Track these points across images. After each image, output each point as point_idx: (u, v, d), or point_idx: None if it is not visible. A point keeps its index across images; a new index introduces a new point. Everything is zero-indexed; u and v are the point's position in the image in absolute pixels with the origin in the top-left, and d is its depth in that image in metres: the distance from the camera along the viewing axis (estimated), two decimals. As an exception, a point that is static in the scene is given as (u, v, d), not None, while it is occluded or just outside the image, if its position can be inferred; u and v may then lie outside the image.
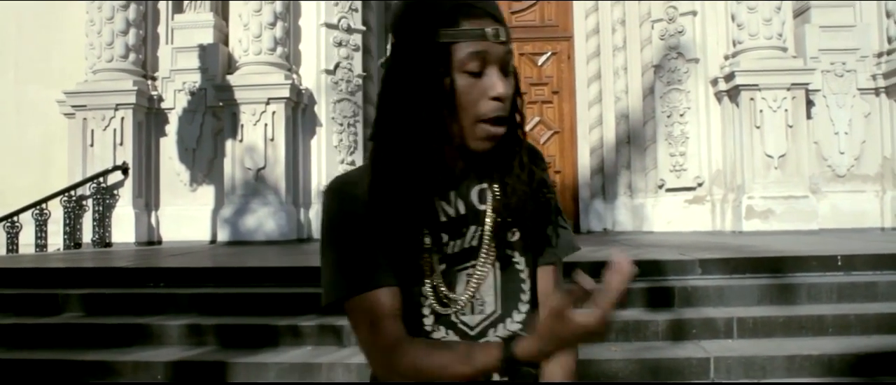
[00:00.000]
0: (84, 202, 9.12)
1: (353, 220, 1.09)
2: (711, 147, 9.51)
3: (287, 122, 9.25)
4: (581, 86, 10.63)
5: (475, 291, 1.15)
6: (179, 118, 9.69)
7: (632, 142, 10.14)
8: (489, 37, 1.10)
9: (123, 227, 9.22)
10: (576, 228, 10.15)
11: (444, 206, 1.15)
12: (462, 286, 1.15)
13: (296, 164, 9.48)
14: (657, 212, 9.67)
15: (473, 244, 1.16)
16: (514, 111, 1.16)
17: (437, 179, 1.13)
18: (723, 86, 9.28)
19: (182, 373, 4.10)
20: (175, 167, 9.71)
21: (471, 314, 1.15)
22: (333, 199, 1.13)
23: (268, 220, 9.05)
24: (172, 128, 9.74)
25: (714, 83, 9.45)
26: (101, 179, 9.12)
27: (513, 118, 1.16)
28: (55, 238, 8.92)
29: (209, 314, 4.81)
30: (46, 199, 8.90)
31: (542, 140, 10.54)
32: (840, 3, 9.60)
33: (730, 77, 9.07)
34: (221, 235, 9.17)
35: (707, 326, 4.35)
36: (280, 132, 9.18)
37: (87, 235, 9.03)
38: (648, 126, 9.90)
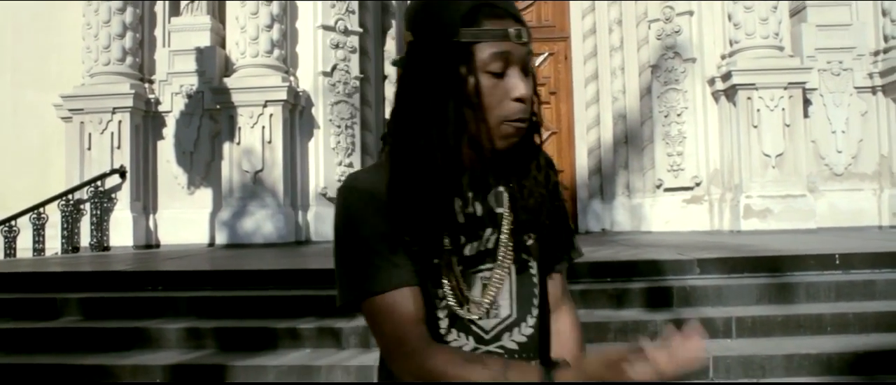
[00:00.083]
0: (82, 206, 9.11)
1: (373, 219, 1.07)
2: (709, 147, 9.52)
3: (284, 125, 9.25)
4: (578, 86, 10.64)
5: (496, 295, 1.15)
6: (177, 121, 9.69)
7: (629, 142, 10.15)
8: (512, 37, 1.09)
9: (121, 231, 9.21)
10: (574, 229, 10.14)
11: (462, 208, 1.13)
12: (478, 289, 1.14)
13: (293, 167, 9.47)
14: (655, 212, 9.67)
15: (489, 247, 1.15)
16: (533, 112, 1.16)
17: (457, 180, 1.12)
18: (720, 85, 9.30)
19: (181, 376, 4.10)
20: (173, 170, 9.70)
21: (486, 318, 1.14)
22: (352, 198, 1.10)
23: (266, 223, 9.05)
24: (170, 131, 9.74)
25: (711, 83, 9.46)
26: (99, 183, 9.11)
27: (531, 119, 1.15)
28: (53, 242, 8.90)
29: (208, 317, 4.80)
30: (44, 203, 8.89)
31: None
32: (836, 2, 9.62)
33: (727, 76, 9.08)
34: (219, 238, 9.16)
35: (706, 326, 4.33)
36: (277, 135, 9.18)
37: (85, 239, 9.02)
38: (646, 126, 9.91)
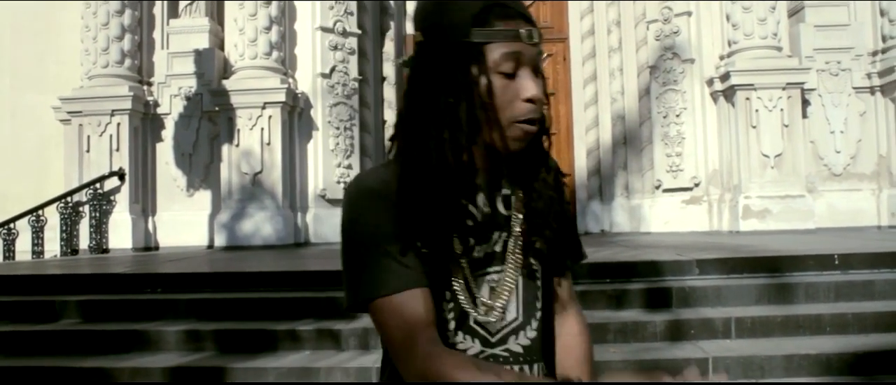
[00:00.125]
0: (81, 208, 9.10)
1: (382, 220, 1.06)
2: (708, 147, 9.53)
3: (283, 127, 9.25)
4: (577, 87, 10.65)
5: (509, 298, 1.14)
6: (176, 123, 9.69)
7: (628, 143, 10.15)
8: (523, 38, 1.09)
9: (120, 233, 9.21)
10: (573, 230, 10.14)
11: (472, 210, 1.13)
12: (485, 291, 1.13)
13: (292, 169, 9.47)
14: (654, 212, 9.67)
15: (497, 249, 1.14)
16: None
17: (467, 182, 1.11)
18: (718, 86, 9.30)
19: (180, 378, 4.09)
20: (172, 172, 9.70)
21: (495, 322, 1.13)
22: (360, 198, 1.09)
23: (265, 225, 9.04)
24: (169, 133, 9.74)
25: (710, 83, 9.47)
26: (98, 185, 9.10)
27: (542, 121, 1.14)
28: (52, 244, 8.89)
29: (207, 319, 4.80)
30: (43, 206, 8.88)
31: (539, 142, 10.54)
32: (834, 3, 9.63)
33: (725, 77, 9.08)
34: (219, 240, 9.15)
35: (705, 327, 4.35)
36: (276, 136, 9.18)
37: (84, 242, 9.00)
38: (645, 127, 9.92)
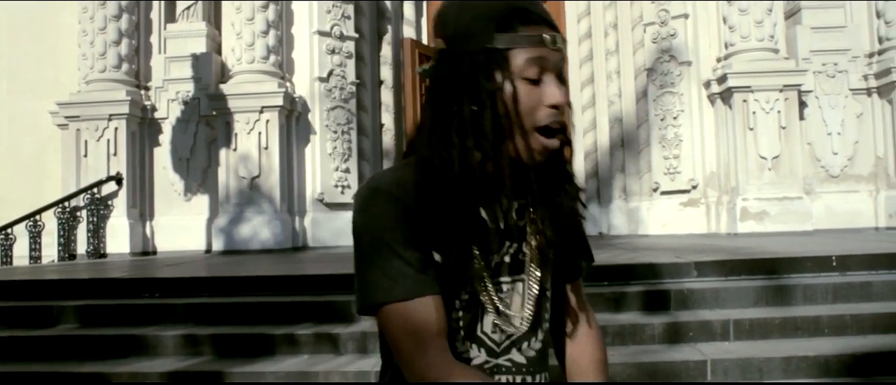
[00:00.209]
0: (78, 213, 9.10)
1: (397, 225, 1.04)
2: (705, 149, 9.54)
3: (281, 131, 9.25)
4: (574, 90, 10.63)
5: (534, 308, 1.15)
6: (173, 128, 9.68)
7: (626, 145, 10.16)
8: (547, 43, 1.08)
9: (118, 238, 9.20)
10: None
11: (488, 218, 1.12)
12: (498, 301, 1.13)
13: (290, 173, 9.46)
14: (652, 215, 9.68)
15: (506, 260, 1.14)
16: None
17: (489, 191, 1.10)
18: (715, 88, 9.32)
19: (178, 383, 4.08)
20: (169, 177, 9.69)
21: (500, 332, 1.13)
22: (376, 201, 1.06)
23: (263, 229, 9.04)
24: (166, 137, 9.73)
25: (707, 85, 9.48)
26: (95, 190, 9.10)
27: (564, 130, 1.13)
28: (49, 250, 8.89)
29: (205, 324, 4.79)
30: (40, 211, 8.88)
31: (537, 145, 10.55)
32: (830, 4, 9.65)
33: (722, 79, 9.10)
34: (216, 245, 9.14)
35: (703, 329, 4.35)
36: (274, 140, 9.17)
37: (82, 246, 9.01)
38: (642, 129, 9.92)
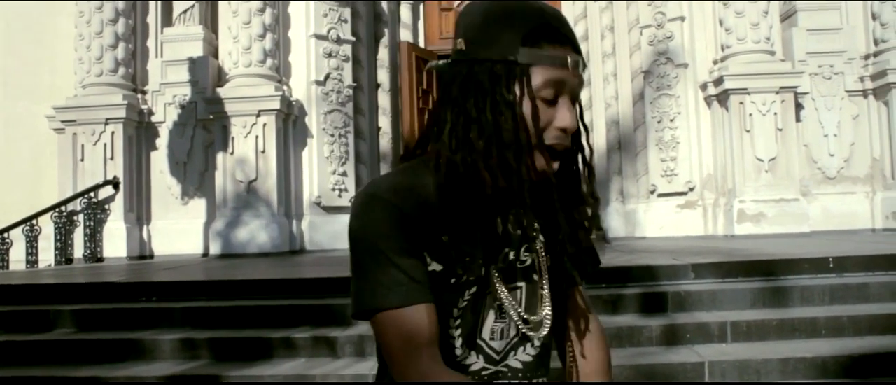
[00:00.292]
0: (75, 217, 9.08)
1: (394, 231, 1.04)
2: (702, 151, 9.55)
3: (278, 134, 9.25)
4: (571, 92, 10.66)
5: (548, 312, 1.15)
6: (170, 131, 9.67)
7: (623, 148, 10.17)
8: (570, 67, 1.07)
9: (115, 242, 9.18)
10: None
11: (502, 222, 1.12)
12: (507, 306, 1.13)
13: (287, 176, 9.46)
14: (649, 217, 9.69)
15: (517, 265, 1.14)
16: (577, 141, 1.15)
17: (506, 197, 1.09)
18: (712, 90, 9.33)
19: (175, 387, 4.08)
20: (166, 181, 9.68)
21: (500, 339, 1.13)
22: (373, 206, 1.05)
23: (260, 233, 9.03)
24: (163, 141, 9.72)
25: (703, 88, 9.50)
26: (92, 194, 9.09)
27: (573, 148, 1.14)
28: (46, 254, 8.87)
29: (202, 328, 4.78)
30: (37, 215, 8.86)
31: (534, 147, 10.56)
32: (826, 6, 9.67)
33: (719, 81, 9.11)
34: (213, 248, 9.14)
35: (701, 331, 4.35)
36: (271, 144, 9.17)
37: (79, 251, 8.99)
38: (639, 132, 9.94)
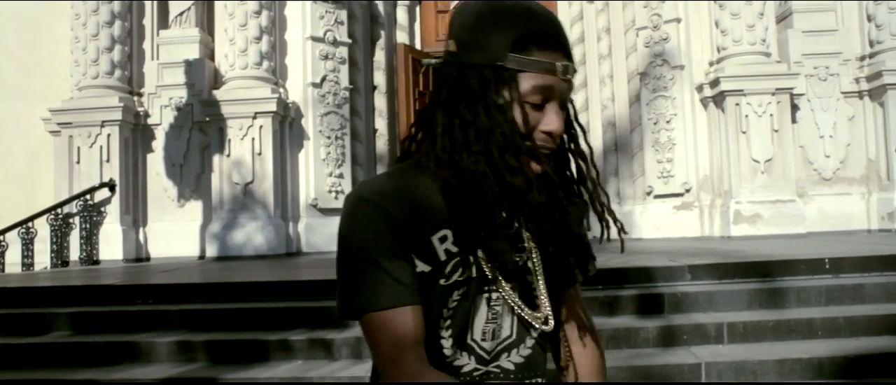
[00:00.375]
0: (71, 220, 9.06)
1: (381, 233, 1.05)
2: (698, 153, 9.57)
3: (274, 136, 9.24)
4: (568, 94, 10.67)
5: (549, 313, 1.16)
6: (166, 134, 9.66)
7: (619, 149, 10.19)
8: (558, 72, 1.07)
9: (111, 245, 9.16)
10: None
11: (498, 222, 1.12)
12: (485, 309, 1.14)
13: (284, 178, 9.46)
14: (646, 218, 9.70)
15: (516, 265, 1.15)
16: (566, 144, 1.17)
17: (504, 197, 1.09)
18: (708, 92, 9.35)
19: (172, 390, 4.07)
20: (162, 183, 9.67)
21: (491, 340, 1.13)
22: (361, 208, 1.07)
23: (256, 235, 9.02)
24: (159, 143, 9.71)
25: (699, 89, 9.51)
26: (88, 196, 9.07)
27: (562, 150, 1.15)
28: (42, 257, 8.84)
29: (199, 330, 4.78)
30: (33, 218, 8.82)
31: (530, 149, 10.58)
32: (821, 6, 9.69)
33: (715, 83, 9.13)
34: (210, 251, 9.12)
35: (697, 332, 4.36)
36: (267, 146, 9.17)
37: (75, 253, 8.96)
38: (635, 133, 9.95)
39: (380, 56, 10.71)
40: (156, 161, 9.72)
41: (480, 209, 1.07)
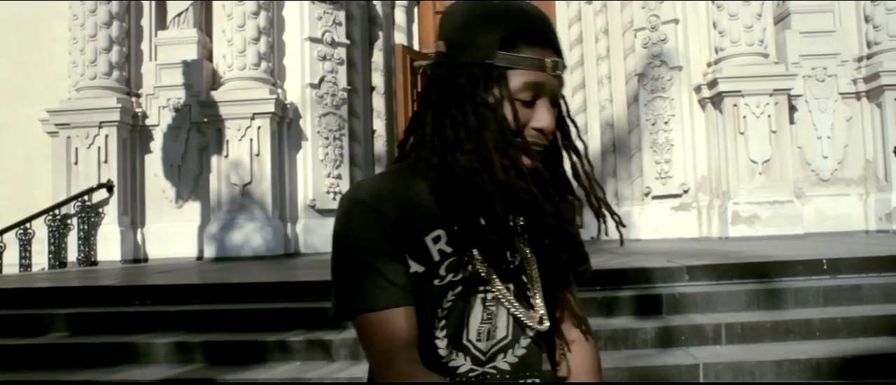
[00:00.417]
0: (69, 221, 9.05)
1: (375, 234, 1.05)
2: (696, 154, 9.58)
3: (272, 137, 9.24)
4: (566, 95, 10.66)
5: (543, 313, 1.16)
6: (164, 135, 9.66)
7: (617, 150, 10.19)
8: (548, 69, 1.08)
9: (109, 245, 9.16)
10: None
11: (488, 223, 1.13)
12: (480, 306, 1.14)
13: (282, 179, 9.46)
14: (644, 219, 9.70)
15: (511, 265, 1.15)
16: (559, 140, 1.17)
17: (500, 196, 1.10)
18: (706, 93, 9.36)
19: (170, 391, 4.07)
20: (160, 184, 9.67)
21: (487, 340, 1.13)
22: (355, 209, 1.07)
23: (254, 236, 9.02)
24: (157, 144, 9.71)
25: (697, 90, 9.52)
26: (86, 197, 9.06)
27: (553, 147, 1.15)
28: (40, 258, 8.83)
29: (197, 331, 4.77)
30: (31, 219, 8.82)
31: (529, 150, 10.58)
32: (819, 7, 9.70)
33: (713, 84, 9.14)
34: (208, 252, 9.12)
35: (695, 333, 4.36)
36: (265, 147, 9.17)
37: (73, 254, 8.95)
38: (633, 134, 9.96)
39: (378, 57, 10.72)
40: (154, 162, 9.71)
41: (475, 207, 1.08)
